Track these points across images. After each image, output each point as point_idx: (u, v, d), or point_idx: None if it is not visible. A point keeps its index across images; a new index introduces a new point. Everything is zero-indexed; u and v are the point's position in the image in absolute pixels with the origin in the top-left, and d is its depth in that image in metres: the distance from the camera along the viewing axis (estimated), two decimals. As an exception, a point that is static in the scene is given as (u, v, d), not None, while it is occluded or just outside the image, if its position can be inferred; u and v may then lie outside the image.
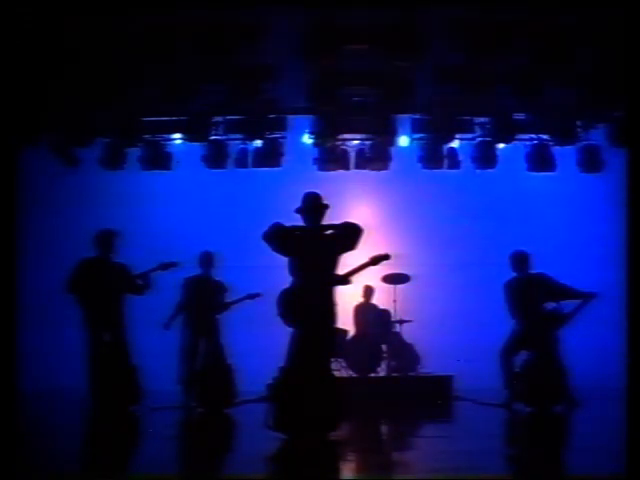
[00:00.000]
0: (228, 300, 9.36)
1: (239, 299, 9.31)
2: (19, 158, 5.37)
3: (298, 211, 6.53)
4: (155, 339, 8.95)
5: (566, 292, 8.82)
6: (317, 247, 6.47)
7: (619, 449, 5.09)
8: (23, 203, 6.70)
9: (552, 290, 8.83)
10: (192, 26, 8.17)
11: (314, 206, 6.51)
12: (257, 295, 9.15)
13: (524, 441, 7.01)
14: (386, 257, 6.40)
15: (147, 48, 8.23)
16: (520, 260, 8.99)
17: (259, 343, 10.43)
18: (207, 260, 9.38)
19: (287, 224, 6.52)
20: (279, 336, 6.60)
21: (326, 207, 6.53)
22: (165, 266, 8.67)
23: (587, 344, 10.20)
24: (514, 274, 9.02)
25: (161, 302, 9.15)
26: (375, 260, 6.40)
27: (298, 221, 6.59)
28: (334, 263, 6.47)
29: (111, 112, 9.60)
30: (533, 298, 8.83)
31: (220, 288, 9.40)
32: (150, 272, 8.62)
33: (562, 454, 5.99)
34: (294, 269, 6.49)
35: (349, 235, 6.42)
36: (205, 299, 9.22)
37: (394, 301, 11.06)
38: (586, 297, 8.72)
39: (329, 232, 6.52)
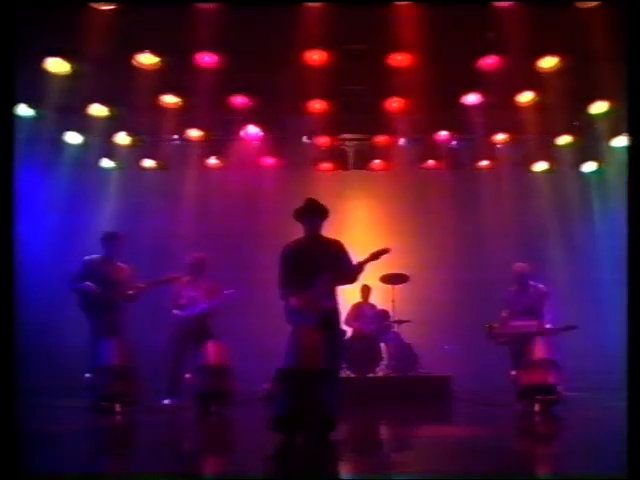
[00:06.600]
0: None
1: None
2: (18, 157, 5.37)
3: (296, 216, 6.47)
4: (154, 339, 8.94)
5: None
6: (316, 252, 6.44)
7: (619, 449, 5.10)
8: (23, 203, 6.70)
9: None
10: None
11: (313, 211, 6.46)
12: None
13: (523, 440, 7.01)
14: (386, 251, 6.38)
15: (146, 46, 8.25)
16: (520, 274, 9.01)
17: (256, 343, 10.47)
18: None
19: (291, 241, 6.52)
20: (276, 336, 6.59)
21: (326, 212, 6.49)
22: (170, 280, 8.68)
23: (587, 344, 10.23)
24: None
25: (160, 302, 9.14)
26: (375, 255, 6.38)
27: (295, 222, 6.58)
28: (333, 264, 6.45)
29: (110, 112, 9.61)
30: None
31: None
32: (155, 284, 8.65)
33: (561, 453, 5.99)
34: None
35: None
36: None
37: (392, 301, 11.08)
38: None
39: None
